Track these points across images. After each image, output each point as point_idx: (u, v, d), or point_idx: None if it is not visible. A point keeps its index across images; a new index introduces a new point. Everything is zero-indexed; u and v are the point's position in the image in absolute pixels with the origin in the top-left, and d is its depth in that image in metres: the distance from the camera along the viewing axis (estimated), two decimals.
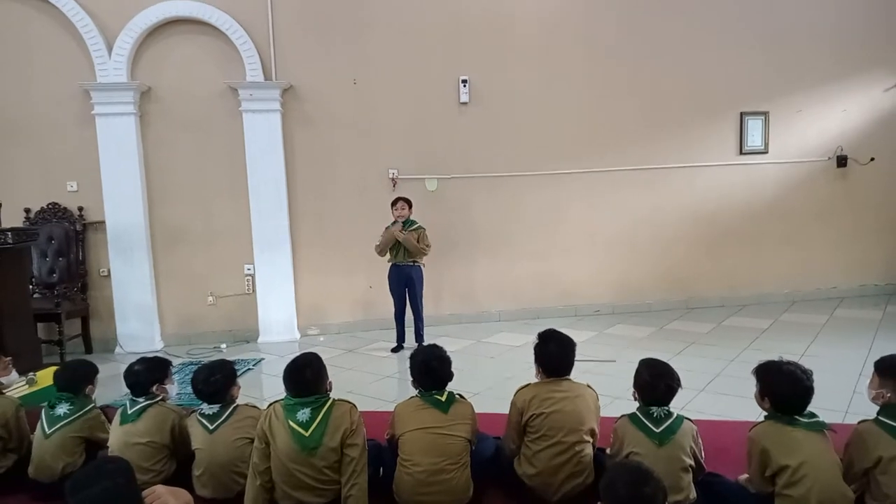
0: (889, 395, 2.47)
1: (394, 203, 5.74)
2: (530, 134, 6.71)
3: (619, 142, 6.84)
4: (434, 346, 2.99)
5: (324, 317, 6.61)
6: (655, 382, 2.63)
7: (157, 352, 6.01)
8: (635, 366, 2.76)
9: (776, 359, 2.61)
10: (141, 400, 3.03)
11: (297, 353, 2.79)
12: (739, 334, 5.88)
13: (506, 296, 6.86)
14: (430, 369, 2.82)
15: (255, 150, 6.22)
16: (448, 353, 2.91)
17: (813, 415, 2.48)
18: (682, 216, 7.02)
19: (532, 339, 2.97)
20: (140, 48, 6.09)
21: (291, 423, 2.60)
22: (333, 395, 2.76)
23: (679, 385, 2.66)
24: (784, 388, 2.48)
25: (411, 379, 2.88)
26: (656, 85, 6.83)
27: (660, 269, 7.03)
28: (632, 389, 2.75)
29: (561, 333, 2.91)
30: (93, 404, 3.23)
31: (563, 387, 2.79)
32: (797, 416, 2.45)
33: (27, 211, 6.10)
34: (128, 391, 3.12)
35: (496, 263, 6.79)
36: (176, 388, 3.30)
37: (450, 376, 2.86)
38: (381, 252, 5.70)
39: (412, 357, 2.90)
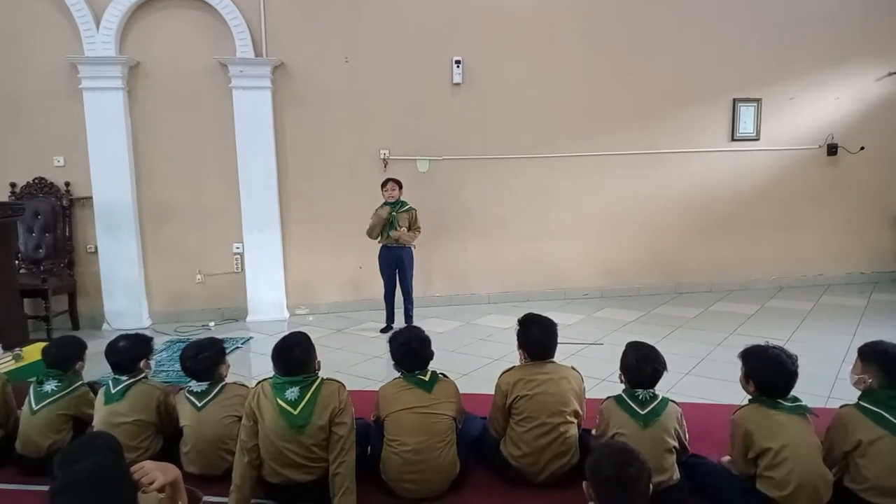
0: (870, 380, 2.51)
1: (384, 184, 5.72)
2: (523, 116, 6.69)
3: (612, 126, 6.84)
4: (413, 328, 3.02)
5: (313, 296, 6.61)
6: (641, 365, 2.66)
7: (144, 329, 6.00)
8: (622, 349, 2.79)
9: (762, 343, 2.64)
10: (124, 378, 3.01)
11: (286, 333, 2.79)
12: (726, 319, 5.94)
13: (495, 278, 6.89)
14: (412, 351, 2.84)
15: (244, 128, 6.16)
16: (427, 333, 2.93)
17: (796, 399, 2.52)
18: (672, 201, 7.05)
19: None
20: (129, 22, 5.99)
21: (280, 401, 2.61)
22: (322, 374, 2.77)
23: (665, 368, 2.68)
24: (769, 371, 2.51)
25: (393, 363, 2.89)
26: (650, 69, 6.82)
27: (649, 254, 7.07)
28: (618, 372, 2.77)
29: (542, 316, 2.93)
30: (81, 381, 3.22)
31: (546, 369, 2.81)
32: (781, 401, 2.49)
33: (13, 185, 6.03)
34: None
35: (486, 246, 6.81)
36: (153, 367, 3.29)
37: (430, 356, 2.89)
38: (373, 235, 5.68)
39: (391, 340, 2.91)
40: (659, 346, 2.77)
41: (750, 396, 2.60)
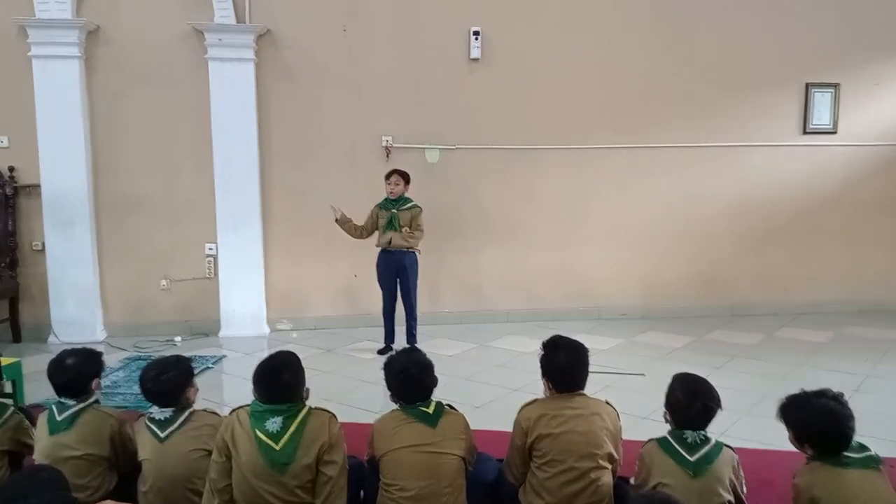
0: None
1: (388, 176, 5.73)
2: (552, 100, 6.69)
3: (657, 114, 6.83)
4: (411, 351, 3.02)
5: (298, 309, 6.62)
6: (691, 402, 2.63)
7: (98, 343, 6.01)
8: (667, 381, 2.77)
9: (800, 392, 2.61)
10: (71, 403, 2.98)
11: (268, 351, 2.80)
12: (793, 348, 5.91)
13: (517, 292, 6.88)
14: (411, 378, 2.82)
15: (222, 107, 6.20)
16: (428, 358, 2.92)
17: (864, 447, 2.48)
18: (728, 204, 7.02)
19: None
20: None
21: (259, 433, 2.60)
22: (310, 403, 2.77)
23: (719, 406, 2.66)
24: (822, 428, 2.46)
25: (389, 393, 2.89)
26: (703, 47, 6.80)
27: (700, 267, 7.04)
28: (662, 409, 2.75)
29: (571, 340, 2.91)
30: (11, 408, 3.16)
31: (575, 403, 2.79)
32: (846, 454, 2.45)
33: None
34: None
35: (506, 253, 6.80)
36: (103, 388, 3.25)
37: (433, 383, 2.88)
38: (358, 235, 5.79)
39: (387, 367, 2.90)
40: (711, 378, 2.75)
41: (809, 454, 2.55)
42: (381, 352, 5.81)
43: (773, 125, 7.00)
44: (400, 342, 5.84)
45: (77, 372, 3.03)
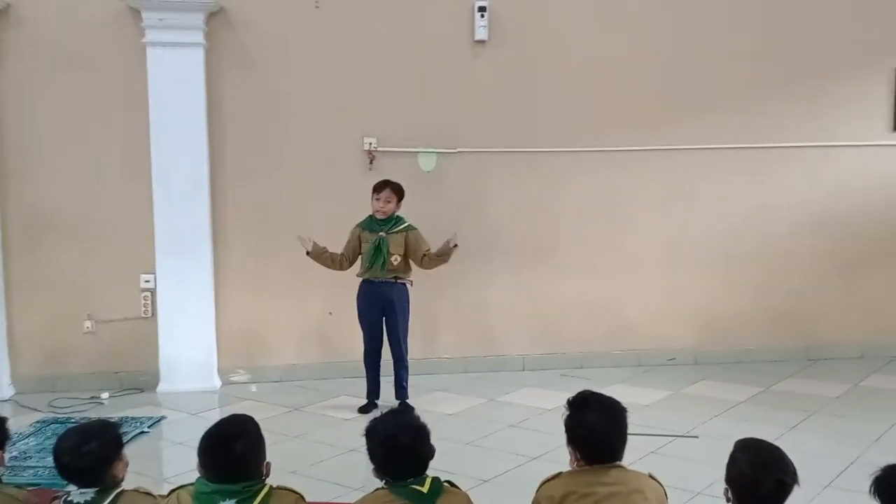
0: None
1: (377, 189, 5.70)
2: (579, 91, 6.70)
3: (714, 108, 6.84)
4: (401, 412, 3.04)
5: (258, 356, 6.59)
6: (760, 476, 2.56)
7: (2, 402, 6.00)
8: (726, 445, 2.71)
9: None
10: None
11: (219, 410, 2.79)
12: (886, 401, 5.88)
13: (534, 332, 6.85)
14: (400, 448, 2.76)
15: (163, 102, 6.19)
16: (422, 421, 2.87)
17: None
18: (802, 220, 7.00)
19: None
20: None
21: None
22: (271, 480, 2.75)
23: (795, 481, 2.59)
24: None
25: (373, 466, 2.84)
26: (768, 26, 6.81)
27: (767, 300, 7.01)
28: (722, 485, 2.69)
29: (604, 396, 2.88)
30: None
31: (610, 478, 2.74)
32: None
33: None
34: None
35: (521, 283, 6.78)
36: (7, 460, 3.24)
37: (430, 453, 2.82)
38: (337, 266, 5.80)
39: (369, 433, 2.84)
40: (784, 442, 2.79)
41: None
42: (362, 410, 5.78)
43: (856, 121, 7.01)
44: (387, 397, 5.81)
45: None
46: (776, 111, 6.91)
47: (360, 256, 5.76)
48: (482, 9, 6.50)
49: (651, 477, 2.83)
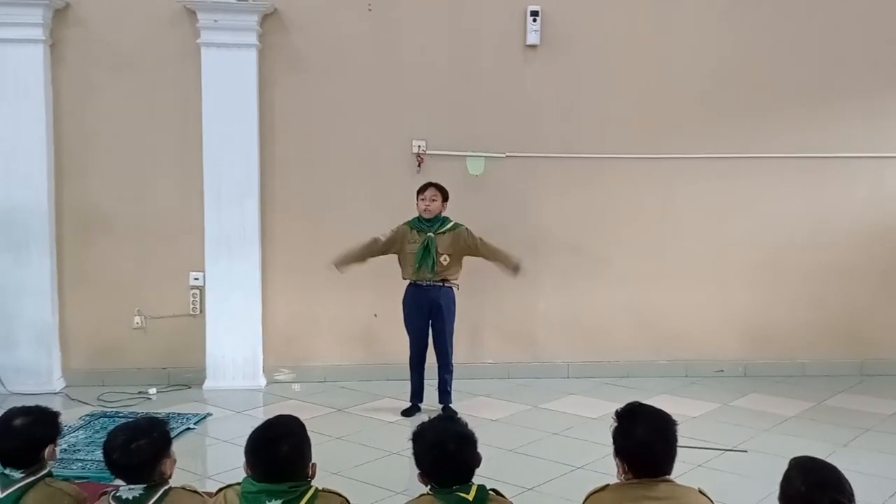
0: None
1: (421, 190, 5.72)
2: (632, 96, 6.67)
3: (772, 115, 6.75)
4: (448, 419, 2.99)
5: (303, 356, 6.62)
6: (816, 496, 2.49)
7: (54, 394, 6.07)
8: (777, 462, 2.67)
9: None
10: (18, 475, 2.96)
11: (263, 409, 2.79)
12: None
13: (580, 340, 6.81)
14: (446, 455, 2.75)
15: (216, 104, 6.24)
16: (470, 429, 2.85)
17: None
18: (859, 231, 6.88)
19: (618, 406, 2.88)
20: None
21: None
22: (316, 482, 2.75)
23: (852, 501, 2.51)
24: None
25: (417, 471, 2.81)
26: (826, 34, 6.71)
27: (822, 313, 6.90)
28: (774, 502, 2.61)
29: (653, 409, 2.83)
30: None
31: (658, 492, 2.70)
32: None
33: None
34: None
35: (569, 289, 6.74)
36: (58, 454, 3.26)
37: (476, 462, 2.80)
38: (368, 254, 5.77)
39: (417, 437, 2.84)
40: (838, 459, 2.67)
41: None
42: (405, 413, 5.79)
43: None
44: (430, 401, 5.80)
45: (27, 437, 3.02)
46: (834, 120, 6.81)
47: (396, 256, 5.75)
48: (534, 13, 6.48)
49: (701, 492, 2.78)
